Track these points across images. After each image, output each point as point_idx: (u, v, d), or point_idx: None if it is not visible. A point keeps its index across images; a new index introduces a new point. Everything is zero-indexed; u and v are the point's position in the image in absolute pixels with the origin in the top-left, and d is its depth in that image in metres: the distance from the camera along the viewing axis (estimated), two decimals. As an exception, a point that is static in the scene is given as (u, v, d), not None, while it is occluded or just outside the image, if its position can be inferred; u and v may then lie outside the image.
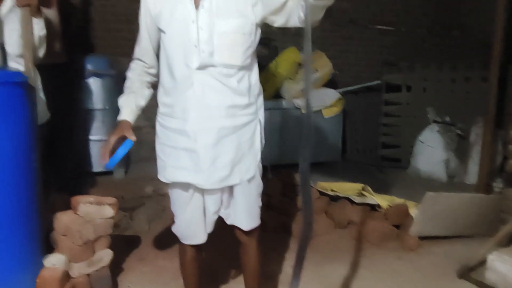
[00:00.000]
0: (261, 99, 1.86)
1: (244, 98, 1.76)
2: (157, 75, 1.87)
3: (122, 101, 1.84)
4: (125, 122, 1.81)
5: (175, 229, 1.94)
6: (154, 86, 1.90)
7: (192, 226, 1.89)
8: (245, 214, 1.87)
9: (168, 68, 1.75)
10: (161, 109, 1.83)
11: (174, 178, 1.81)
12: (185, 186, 1.82)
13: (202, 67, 1.69)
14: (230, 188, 1.84)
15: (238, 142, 1.77)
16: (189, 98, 1.72)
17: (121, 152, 1.74)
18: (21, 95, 2.03)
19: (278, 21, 1.72)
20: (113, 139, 1.77)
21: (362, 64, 5.67)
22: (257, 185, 1.88)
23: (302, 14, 1.53)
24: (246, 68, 1.76)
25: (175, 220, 1.92)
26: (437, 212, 3.12)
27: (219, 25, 1.67)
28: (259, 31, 1.76)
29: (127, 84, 1.87)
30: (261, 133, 1.86)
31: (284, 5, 1.66)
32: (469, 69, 5.13)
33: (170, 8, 1.69)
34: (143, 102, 1.86)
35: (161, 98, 1.82)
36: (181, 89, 1.72)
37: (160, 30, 1.75)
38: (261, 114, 1.86)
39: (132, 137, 1.76)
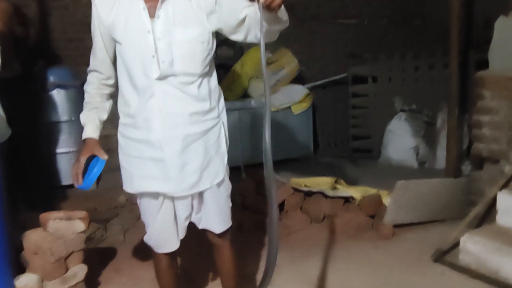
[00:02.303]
0: (222, 101, 1.86)
1: (206, 103, 1.76)
2: (115, 85, 1.84)
3: (85, 118, 1.81)
4: (91, 140, 1.79)
5: (147, 238, 1.93)
6: (114, 94, 1.88)
7: (164, 234, 1.87)
8: (216, 217, 1.87)
9: (128, 78, 1.72)
10: (123, 119, 1.80)
11: (142, 188, 1.80)
12: (155, 195, 1.81)
13: (162, 77, 1.68)
14: (200, 193, 1.83)
15: (204, 147, 1.77)
16: (151, 108, 1.70)
17: (96, 172, 1.73)
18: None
19: (237, 37, 1.72)
20: (83, 159, 1.76)
21: (328, 58, 5.71)
22: (226, 187, 1.88)
23: (259, 34, 1.54)
24: (205, 74, 1.76)
25: (147, 230, 1.91)
26: (409, 199, 3.18)
27: (177, 35, 1.66)
28: (215, 39, 1.76)
29: (87, 99, 1.84)
30: (225, 135, 1.86)
31: (242, 22, 1.65)
32: (432, 56, 5.25)
33: (124, 19, 1.66)
34: (105, 115, 1.85)
35: (122, 108, 1.79)
36: (142, 99, 1.71)
37: (115, 41, 1.72)
38: (223, 117, 1.86)
39: (104, 156, 1.75)
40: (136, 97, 1.72)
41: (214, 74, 1.82)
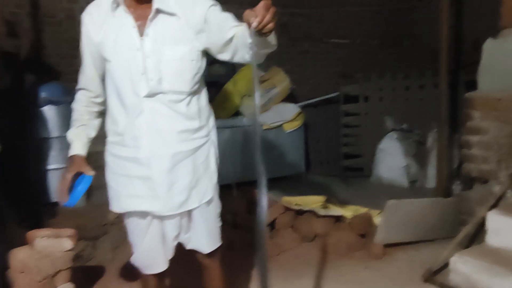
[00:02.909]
0: (212, 120, 1.86)
1: (195, 121, 1.76)
2: (104, 103, 1.84)
3: (72, 135, 1.81)
4: (78, 157, 1.78)
5: (134, 259, 1.90)
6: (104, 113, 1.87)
7: (151, 255, 1.85)
8: (205, 237, 1.86)
9: (116, 96, 1.72)
10: (111, 138, 1.80)
11: (129, 207, 1.78)
12: (142, 215, 1.79)
13: (151, 95, 1.68)
14: (189, 212, 1.82)
15: (193, 166, 1.77)
16: (139, 126, 1.70)
17: (82, 189, 1.72)
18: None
19: (224, 57, 1.71)
20: (69, 176, 1.75)
21: (320, 77, 5.76)
22: (216, 206, 1.87)
23: (247, 56, 1.56)
24: (194, 92, 1.76)
25: (134, 251, 1.89)
26: (399, 219, 3.18)
27: (166, 53, 1.66)
28: (205, 58, 1.77)
29: (75, 116, 1.83)
30: (215, 154, 1.86)
31: (229, 41, 1.64)
32: (422, 76, 5.31)
33: (114, 37, 1.67)
34: (93, 133, 1.84)
35: (110, 126, 1.79)
36: (130, 117, 1.71)
37: (104, 59, 1.72)
38: (213, 136, 1.86)
39: (90, 172, 1.74)
40: (124, 115, 1.72)
41: (204, 93, 1.83)
